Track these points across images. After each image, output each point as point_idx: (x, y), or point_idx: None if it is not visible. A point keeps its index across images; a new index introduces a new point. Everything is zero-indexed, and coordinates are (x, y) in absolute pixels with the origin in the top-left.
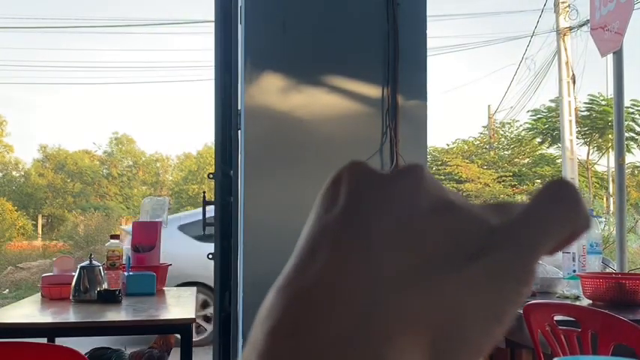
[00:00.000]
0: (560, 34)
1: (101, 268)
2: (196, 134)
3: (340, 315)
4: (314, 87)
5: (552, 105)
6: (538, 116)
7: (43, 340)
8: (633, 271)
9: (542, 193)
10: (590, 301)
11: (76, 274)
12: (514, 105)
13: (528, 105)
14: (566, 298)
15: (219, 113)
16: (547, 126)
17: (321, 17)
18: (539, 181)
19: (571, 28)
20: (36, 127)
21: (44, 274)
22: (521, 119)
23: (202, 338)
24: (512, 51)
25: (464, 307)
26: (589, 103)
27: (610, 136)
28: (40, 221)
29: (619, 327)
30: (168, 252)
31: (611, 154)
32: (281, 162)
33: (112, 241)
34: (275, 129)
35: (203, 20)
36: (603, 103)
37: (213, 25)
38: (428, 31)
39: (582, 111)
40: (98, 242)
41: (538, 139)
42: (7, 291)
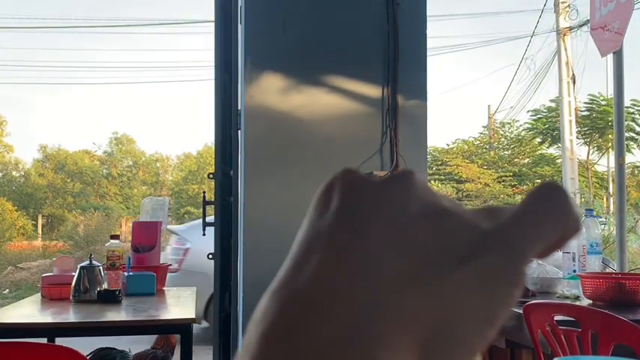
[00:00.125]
0: (560, 34)
1: (101, 268)
2: (196, 134)
3: (335, 316)
4: (314, 87)
5: (552, 105)
6: (538, 116)
7: (43, 340)
8: (633, 271)
9: (532, 197)
10: (590, 301)
11: (76, 274)
12: (514, 105)
13: (528, 105)
14: (567, 298)
15: (219, 113)
16: (547, 126)
17: (321, 17)
18: (540, 181)
19: (571, 28)
20: (36, 127)
21: (44, 274)
22: (521, 119)
23: None
24: (512, 51)
25: (457, 309)
26: (589, 103)
27: (610, 136)
28: (40, 221)
29: (619, 327)
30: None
31: (611, 154)
32: (281, 162)
33: (112, 241)
34: (275, 129)
35: (203, 20)
36: (603, 103)
37: (213, 25)
38: (428, 31)
39: (582, 111)
40: (98, 242)
41: (538, 139)
42: (7, 291)
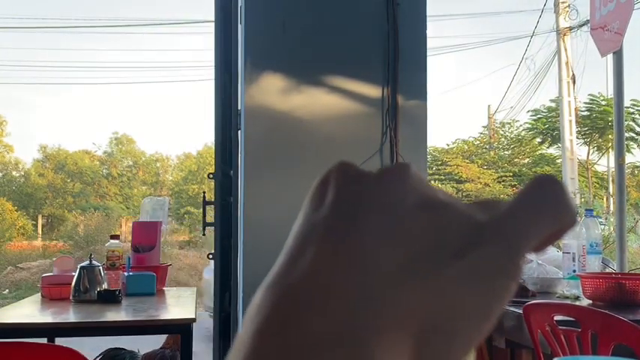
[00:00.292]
0: (560, 34)
1: (101, 268)
2: (196, 134)
3: (329, 312)
4: (314, 87)
5: (552, 105)
6: (538, 116)
7: (43, 340)
8: (633, 271)
9: (529, 189)
10: (590, 301)
11: (76, 274)
12: (514, 105)
13: (528, 105)
14: (566, 298)
15: (219, 113)
16: (547, 126)
17: (321, 17)
18: None
19: (571, 28)
20: (36, 127)
21: (44, 274)
22: (521, 119)
23: None
24: (512, 51)
25: (453, 303)
26: (589, 103)
27: (610, 136)
28: (40, 221)
29: (619, 327)
30: None
31: (611, 154)
32: (281, 162)
33: (112, 241)
34: (275, 129)
35: (203, 20)
36: (603, 103)
37: (213, 25)
38: (428, 31)
39: (582, 111)
40: (98, 242)
41: (538, 139)
42: (7, 291)
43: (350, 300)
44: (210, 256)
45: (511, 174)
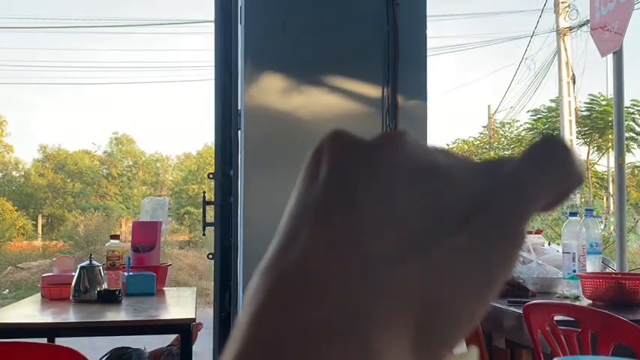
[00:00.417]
0: (560, 34)
1: (101, 268)
2: (196, 134)
3: (325, 299)
4: (314, 87)
5: (552, 105)
6: (538, 116)
7: (43, 340)
8: (633, 271)
9: (533, 150)
10: (590, 301)
11: (76, 274)
12: (514, 105)
13: (528, 105)
14: (566, 298)
15: (219, 113)
16: (547, 126)
17: (321, 17)
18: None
19: (571, 28)
20: (36, 127)
21: (44, 274)
22: (521, 119)
23: None
24: (512, 51)
25: (455, 279)
26: (589, 103)
27: (610, 136)
28: (40, 221)
29: (619, 327)
30: None
31: (611, 154)
32: (281, 162)
33: (112, 241)
34: (275, 129)
35: (203, 20)
36: (603, 103)
37: (213, 25)
38: (428, 31)
39: (582, 111)
40: (98, 242)
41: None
42: (7, 291)
43: (347, 286)
44: (210, 256)
45: None
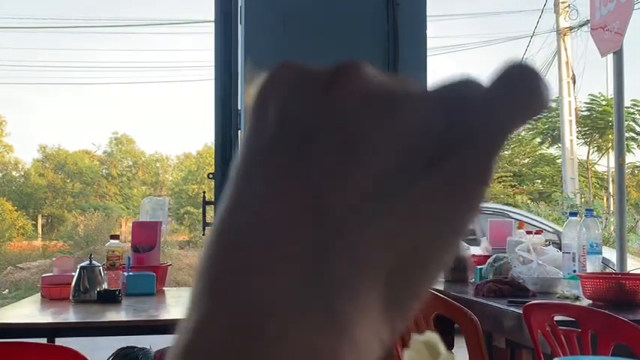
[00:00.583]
0: (560, 34)
1: (101, 268)
2: (196, 134)
3: (287, 262)
4: None
5: (552, 105)
6: (538, 116)
7: (43, 340)
8: (633, 272)
9: (500, 78)
10: (591, 302)
11: (75, 274)
12: None
13: None
14: (566, 298)
15: (219, 113)
16: (547, 126)
17: (321, 17)
18: (540, 181)
19: (571, 28)
20: (36, 127)
21: (44, 274)
22: None
23: None
24: (512, 51)
25: (425, 224)
26: (589, 103)
27: (610, 136)
28: (39, 221)
29: (619, 327)
30: None
31: (611, 154)
32: None
33: (111, 241)
34: None
35: (203, 20)
36: (604, 103)
37: (213, 25)
38: (428, 31)
39: (582, 111)
40: (98, 242)
41: (538, 139)
42: (6, 291)
43: (308, 249)
44: None
45: (511, 174)
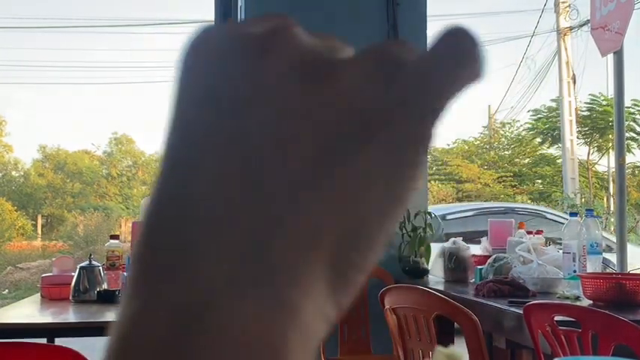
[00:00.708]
0: (560, 34)
1: (101, 268)
2: None
3: (226, 246)
4: None
5: (553, 105)
6: (538, 116)
7: (43, 340)
8: (634, 272)
9: (436, 45)
10: (591, 302)
11: (75, 275)
12: (514, 105)
13: (528, 105)
14: (567, 298)
15: None
16: (547, 126)
17: (321, 17)
18: (540, 181)
19: (571, 28)
20: (35, 127)
21: (44, 275)
22: (522, 119)
23: None
24: (512, 51)
25: (367, 197)
26: (590, 103)
27: (610, 136)
28: (39, 221)
29: (620, 327)
30: None
31: (612, 154)
32: None
33: (111, 241)
34: None
35: (203, 20)
36: (604, 103)
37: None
38: (428, 31)
39: (583, 111)
40: (98, 242)
41: (538, 139)
42: (6, 291)
43: (248, 237)
44: None
45: (511, 174)
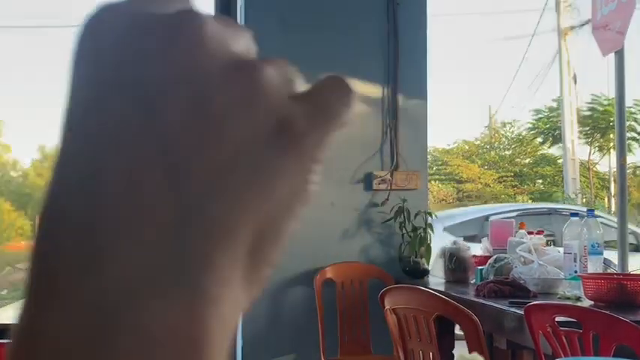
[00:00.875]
0: (561, 33)
1: None
2: None
3: (142, 243)
4: None
5: (554, 105)
6: (539, 116)
7: None
8: (635, 272)
9: (317, 92)
10: (592, 302)
11: None
12: (515, 105)
13: (529, 105)
14: (568, 299)
15: None
16: (548, 126)
17: (321, 17)
18: (541, 181)
19: (572, 28)
20: (35, 126)
21: None
22: (522, 119)
23: None
24: (513, 51)
25: (278, 195)
26: (591, 103)
27: (612, 136)
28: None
29: (621, 328)
30: None
31: (613, 154)
32: None
33: None
34: None
35: None
36: (605, 102)
37: None
38: (428, 30)
39: (584, 111)
40: None
41: (539, 139)
42: (5, 292)
43: (165, 230)
44: None
45: (512, 174)
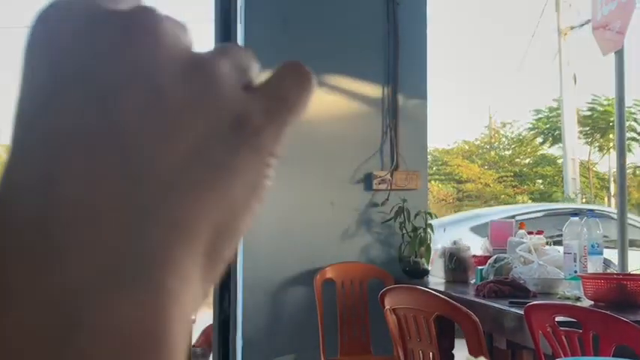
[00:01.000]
0: (561, 33)
1: None
2: None
3: (100, 240)
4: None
5: (554, 105)
6: (539, 116)
7: None
8: (635, 272)
9: (283, 69)
10: (592, 302)
11: None
12: (515, 105)
13: (529, 105)
14: (568, 298)
15: None
16: (548, 126)
17: (321, 17)
18: (541, 181)
19: (572, 28)
20: None
21: None
22: (523, 119)
23: None
24: (513, 51)
25: (236, 192)
26: (591, 103)
27: (612, 136)
28: None
29: (620, 328)
30: None
31: (613, 154)
32: (281, 162)
33: None
34: None
35: (203, 20)
36: (605, 102)
37: (213, 25)
38: (428, 31)
39: (584, 111)
40: None
41: (539, 139)
42: None
43: (120, 225)
44: None
45: (512, 174)
